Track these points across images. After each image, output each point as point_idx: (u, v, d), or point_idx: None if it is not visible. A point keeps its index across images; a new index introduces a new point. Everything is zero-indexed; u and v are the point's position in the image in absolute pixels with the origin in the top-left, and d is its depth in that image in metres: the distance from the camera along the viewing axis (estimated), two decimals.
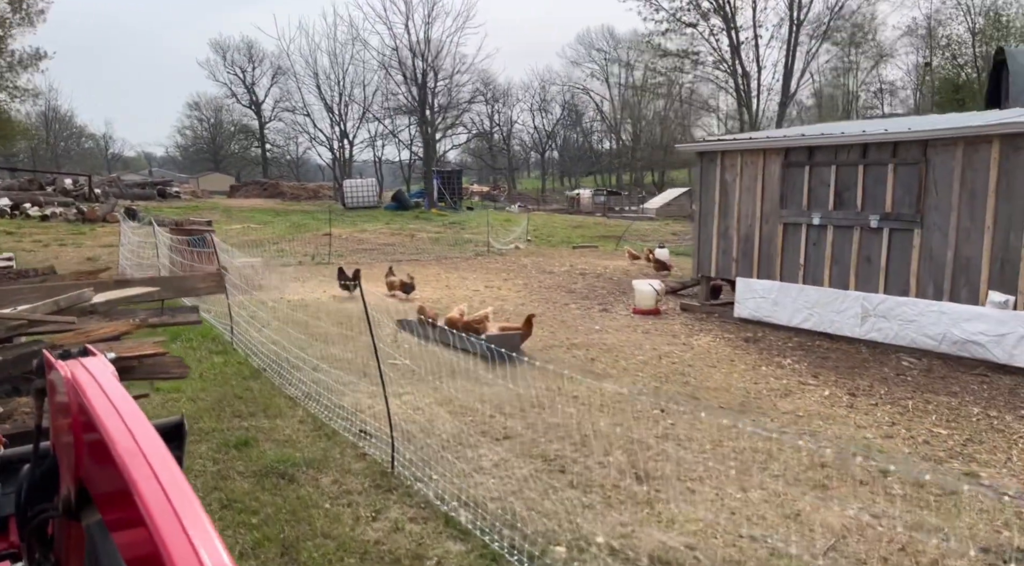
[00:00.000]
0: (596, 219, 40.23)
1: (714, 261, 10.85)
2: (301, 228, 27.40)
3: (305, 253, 19.13)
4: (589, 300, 12.60)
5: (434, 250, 20.51)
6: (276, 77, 73.52)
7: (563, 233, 29.16)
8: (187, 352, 7.59)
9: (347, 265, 14.98)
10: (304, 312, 10.61)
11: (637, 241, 25.59)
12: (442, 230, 27.70)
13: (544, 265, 17.97)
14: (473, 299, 12.47)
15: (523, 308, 11.60)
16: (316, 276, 14.90)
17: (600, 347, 8.77)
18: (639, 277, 16.02)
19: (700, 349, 8.68)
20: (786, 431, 5.70)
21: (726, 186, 10.61)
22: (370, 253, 19.60)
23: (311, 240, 23.40)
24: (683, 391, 6.88)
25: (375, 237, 24.51)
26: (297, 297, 12.11)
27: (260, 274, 14.47)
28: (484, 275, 15.74)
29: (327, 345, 8.47)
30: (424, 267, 17.04)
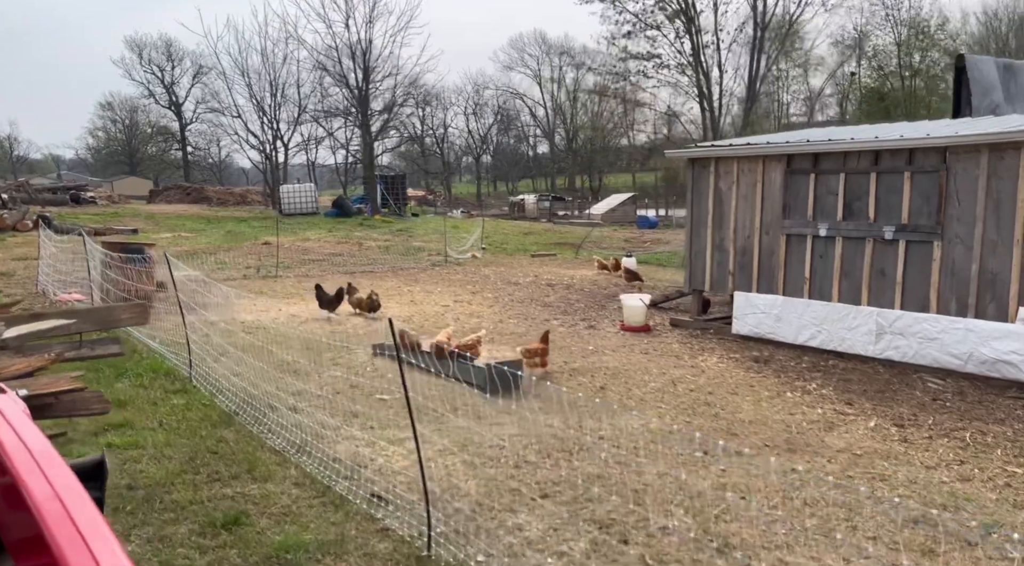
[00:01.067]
0: (544, 225, 39.77)
1: (708, 274, 10.35)
2: (238, 237, 25.95)
3: (247, 265, 17.88)
4: (569, 315, 11.94)
5: (387, 260, 19.54)
6: (198, 76, 70.74)
7: (516, 240, 28.53)
8: (139, 392, 6.55)
9: (325, 281, 13.97)
10: (262, 336, 9.60)
11: (594, 249, 25.19)
12: (390, 238, 26.68)
13: (507, 275, 17.26)
14: (444, 315, 11.65)
15: (503, 325, 10.86)
16: (267, 291, 13.77)
17: (604, 372, 8.10)
18: (609, 288, 15.52)
19: (712, 372, 8.11)
20: (851, 475, 5.14)
21: (721, 195, 10.12)
22: (319, 264, 18.49)
23: (250, 250, 22.08)
24: (716, 426, 6.26)
25: (320, 246, 23.33)
26: (251, 317, 11.04)
27: (204, 290, 13.29)
28: (448, 288, 14.91)
29: (299, 379, 7.54)
30: (381, 280, 16.09)
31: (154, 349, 8.29)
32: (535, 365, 7.89)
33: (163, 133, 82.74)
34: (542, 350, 7.93)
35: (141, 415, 5.87)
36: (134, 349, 8.27)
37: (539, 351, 7.92)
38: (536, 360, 7.90)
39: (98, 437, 5.35)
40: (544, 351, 7.95)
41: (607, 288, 15.43)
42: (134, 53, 72.99)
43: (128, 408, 6.06)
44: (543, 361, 7.94)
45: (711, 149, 10.18)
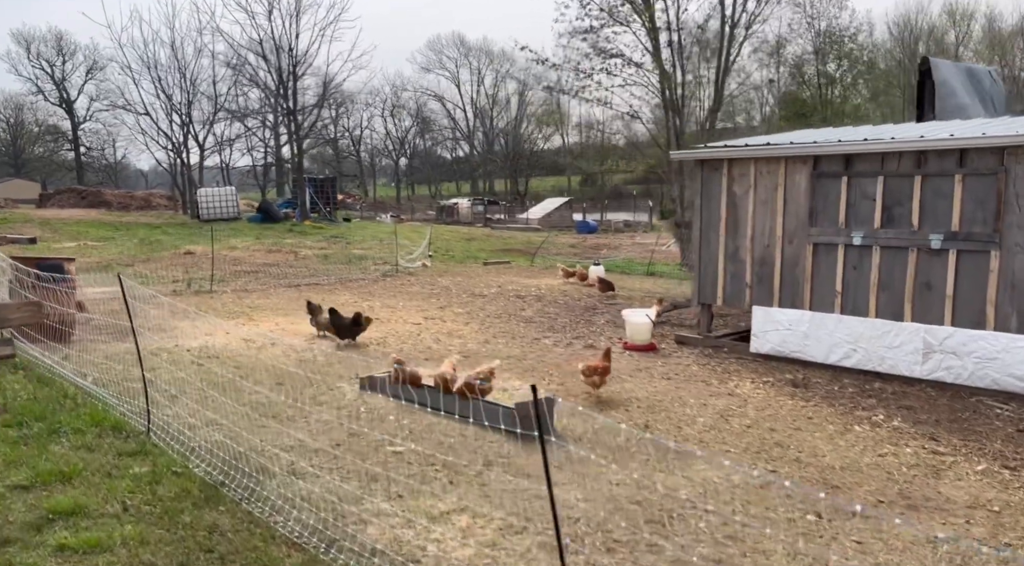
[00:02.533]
0: (482, 230, 38.78)
1: (720, 287, 9.57)
2: (154, 246, 23.82)
3: (174, 279, 16.11)
4: (559, 333, 10.96)
5: (330, 270, 18.08)
6: (92, 72, 66.38)
7: (460, 247, 27.42)
8: (84, 457, 5.14)
9: (278, 295, 12.50)
10: (220, 367, 8.21)
11: (547, 256, 24.34)
12: (326, 245, 25.07)
13: (468, 286, 16.16)
14: (421, 336, 10.47)
15: (490, 346, 9.77)
16: (205, 310, 12.18)
17: (636, 404, 7.14)
18: (583, 299, 14.63)
19: (755, 401, 7.28)
20: (1010, 543, 4.34)
21: (735, 200, 9.36)
22: (255, 276, 16.88)
23: (172, 261, 20.17)
24: (806, 475, 5.39)
25: (250, 256, 21.56)
26: (196, 342, 9.57)
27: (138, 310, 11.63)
28: (411, 302, 13.69)
29: (284, 425, 6.26)
30: (332, 294, 14.70)
31: (89, 392, 6.80)
32: (594, 385, 7.26)
33: (52, 132, 77.46)
34: (604, 369, 7.21)
35: (95, 494, 4.51)
36: (64, 393, 6.76)
37: (601, 369, 7.19)
38: (595, 379, 7.21)
39: (42, 534, 3.98)
40: (607, 370, 7.25)
41: (581, 299, 14.55)
42: (21, 47, 68.06)
43: (74, 484, 4.67)
44: (602, 380, 7.24)
45: (724, 149, 9.40)
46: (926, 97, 16.84)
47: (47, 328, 8.82)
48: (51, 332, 8.84)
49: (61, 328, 9.03)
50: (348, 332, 9.51)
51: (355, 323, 9.47)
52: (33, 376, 7.22)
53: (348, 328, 9.48)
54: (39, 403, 6.31)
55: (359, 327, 9.48)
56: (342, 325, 9.51)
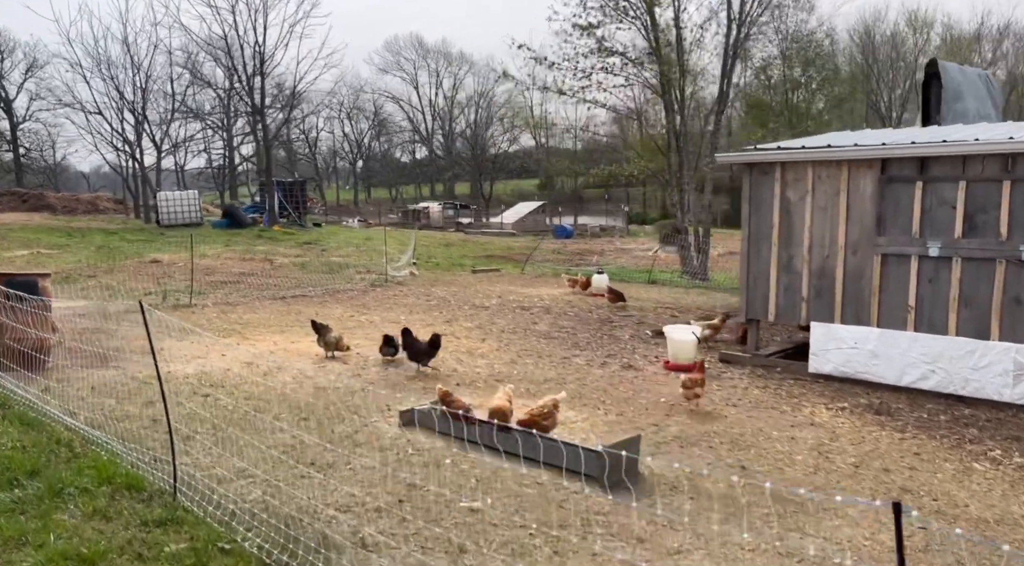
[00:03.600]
0: (456, 235, 37.87)
1: (772, 301, 8.89)
2: (114, 253, 22.39)
3: (146, 290, 14.90)
4: (585, 350, 10.20)
5: (311, 280, 17.01)
6: (32, 70, 63.60)
7: (440, 253, 26.49)
8: (102, 530, 4.16)
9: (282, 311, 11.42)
10: (227, 396, 7.24)
11: (535, 262, 23.58)
12: (300, 252, 23.91)
13: (466, 297, 15.28)
14: (441, 356, 9.57)
15: (519, 368, 8.94)
16: (188, 327, 11.09)
17: (718, 439, 6.39)
18: (593, 310, 13.86)
19: (846, 434, 6.59)
20: None
21: (789, 206, 8.70)
22: (235, 287, 15.75)
23: (137, 270, 18.87)
24: (962, 531, 4.69)
25: (221, 264, 20.34)
26: (190, 368, 8.54)
27: (109, 330, 10.50)
28: (412, 315, 12.77)
29: (325, 473, 5.36)
30: (324, 306, 13.71)
31: (87, 436, 5.78)
32: (696, 396, 7.15)
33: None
34: (702, 381, 7.20)
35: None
36: (56, 438, 5.73)
37: (702, 381, 7.17)
38: (697, 391, 7.12)
39: None
40: (703, 381, 7.22)
41: (592, 311, 13.81)
42: None
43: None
44: (702, 392, 7.20)
45: (777, 152, 8.74)
46: (932, 100, 16.46)
47: (18, 354, 7.74)
48: (23, 359, 7.75)
49: (35, 355, 7.94)
50: (424, 356, 8.48)
51: (432, 345, 8.50)
52: (13, 416, 6.16)
53: (424, 352, 8.48)
54: (29, 453, 5.29)
55: (436, 350, 8.53)
56: (418, 348, 8.50)
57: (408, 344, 8.57)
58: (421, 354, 8.48)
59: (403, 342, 8.62)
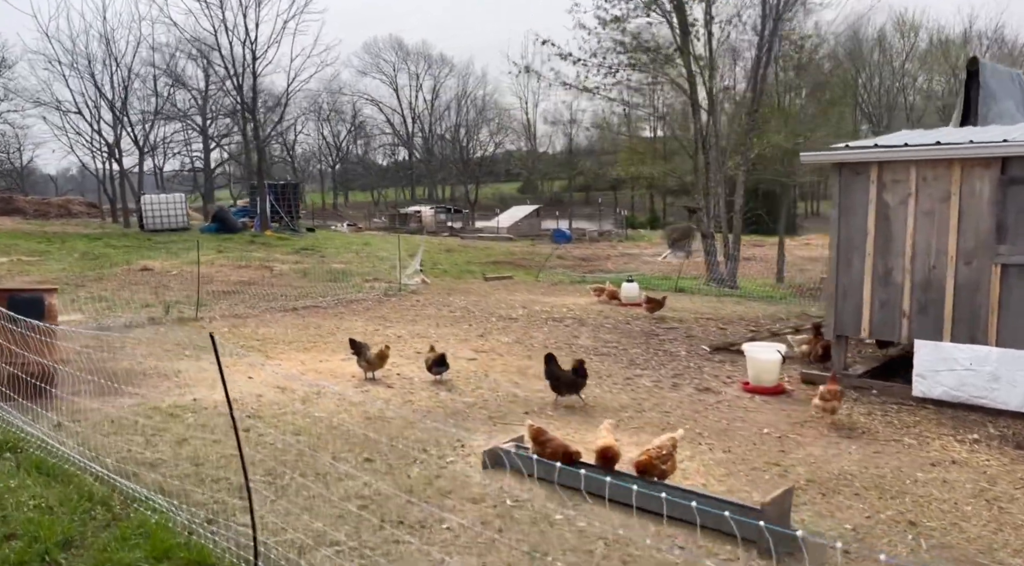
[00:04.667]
0: (453, 240, 36.87)
1: (866, 316, 8.08)
2: (100, 261, 21.20)
3: (144, 302, 13.80)
4: (644, 368, 9.34)
5: (322, 290, 15.99)
6: (0, 70, 61.72)
7: (445, 260, 25.52)
8: None
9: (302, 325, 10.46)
10: (271, 429, 6.29)
11: (549, 270, 22.73)
12: (299, 259, 22.86)
13: (489, 307, 14.38)
14: (493, 378, 8.65)
15: (590, 393, 8.04)
16: (202, 344, 10.05)
17: (859, 483, 5.52)
18: (631, 322, 12.96)
19: (1001, 475, 5.75)
20: None
21: (886, 211, 7.89)
22: (239, 298, 14.70)
23: (127, 278, 17.78)
24: None
25: (218, 272, 19.24)
26: (219, 394, 7.53)
27: (113, 350, 9.43)
28: (443, 330, 11.83)
29: (417, 536, 4.44)
30: (341, 318, 12.74)
31: (123, 489, 4.79)
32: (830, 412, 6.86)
33: None
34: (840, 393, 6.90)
35: None
36: (87, 492, 4.72)
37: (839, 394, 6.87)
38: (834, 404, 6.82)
39: None
40: (841, 394, 6.91)
41: (630, 322, 12.96)
42: None
43: None
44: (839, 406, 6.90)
45: (873, 150, 7.93)
46: (972, 99, 15.82)
47: (22, 383, 6.72)
48: (26, 388, 6.73)
49: (39, 384, 6.91)
50: (570, 387, 7.41)
51: (579, 374, 7.48)
52: (29, 464, 5.15)
53: (571, 382, 7.42)
54: (58, 516, 4.30)
55: (584, 379, 7.52)
56: (563, 378, 7.42)
57: (552, 373, 7.51)
58: (568, 385, 7.45)
59: (546, 371, 7.56)
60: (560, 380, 7.46)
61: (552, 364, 7.56)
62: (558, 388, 7.49)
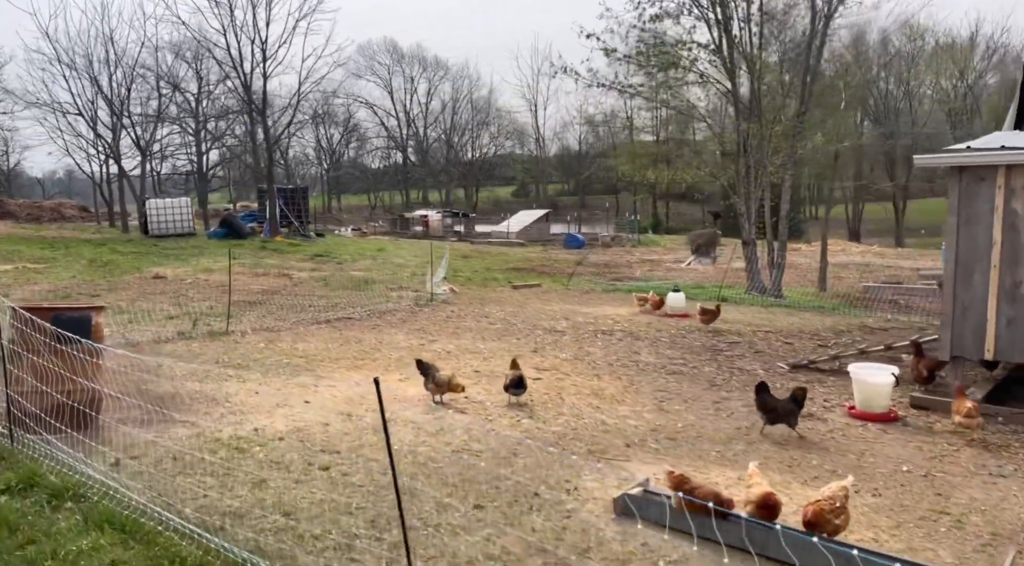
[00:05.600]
0: (464, 246, 36.12)
1: (990, 335, 7.41)
2: (109, 268, 20.40)
3: (168, 314, 13.04)
4: (730, 390, 8.67)
5: (350, 300, 15.25)
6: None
7: (464, 266, 24.78)
8: None
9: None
10: (355, 469, 5.58)
11: (583, 277, 22.04)
12: (316, 266, 22.12)
13: (530, 319, 13.68)
14: (570, 402, 7.95)
15: (676, 420, 7.35)
16: (237, 360, 9.29)
17: None
18: (687, 335, 12.25)
19: None
20: None
21: (1015, 220, 7.23)
22: (265, 309, 13.96)
23: (140, 287, 17.02)
24: None
25: (236, 280, 18.42)
26: (280, 422, 6.80)
27: (147, 365, 8.66)
28: (492, 344, 11.12)
29: None
30: (380, 332, 12.01)
31: (221, 551, 4.05)
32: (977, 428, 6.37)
33: None
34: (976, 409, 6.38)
35: None
36: (176, 557, 3.98)
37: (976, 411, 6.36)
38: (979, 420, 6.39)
39: None
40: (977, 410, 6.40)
41: (685, 336, 12.29)
42: None
43: None
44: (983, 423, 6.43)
45: (1000, 153, 7.28)
46: None
47: (68, 411, 5.99)
48: (71, 416, 6.01)
49: (85, 411, 6.19)
50: (790, 416, 6.66)
51: (796, 401, 6.71)
52: (98, 517, 4.40)
53: (789, 412, 6.64)
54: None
55: (800, 407, 6.78)
56: (780, 408, 6.67)
57: (766, 404, 6.71)
58: (786, 415, 6.68)
59: (758, 401, 6.78)
60: (776, 409, 6.69)
61: (764, 393, 6.79)
62: (775, 418, 6.72)
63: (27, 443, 5.67)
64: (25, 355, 5.96)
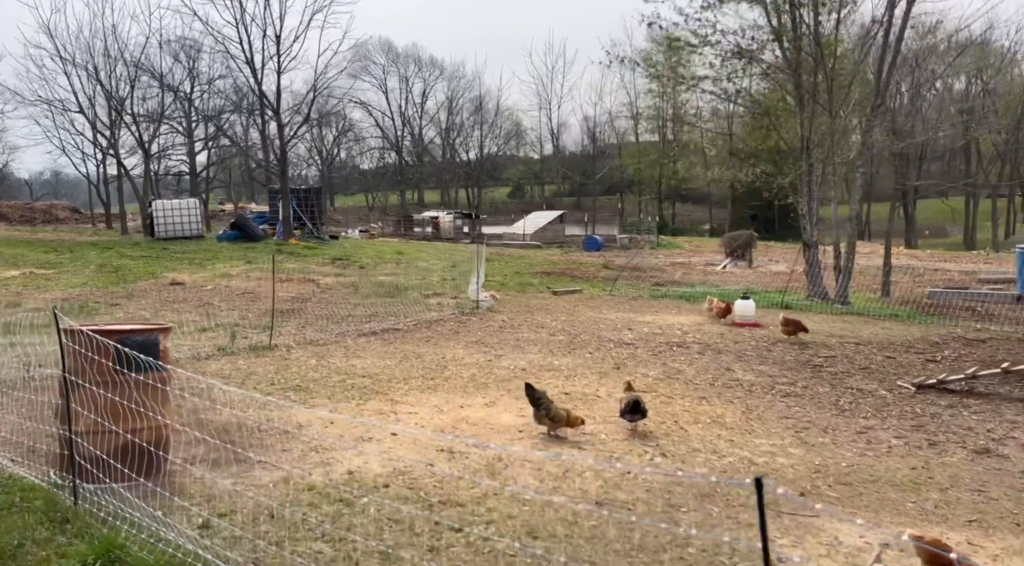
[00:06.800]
0: (488, 250, 35.17)
1: None
2: (121, 273, 19.41)
3: (201, 326, 12.03)
4: (864, 417, 7.71)
5: (388, 309, 14.26)
6: None
7: (491, 271, 23.78)
8: None
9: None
10: (476, 519, 4.63)
11: (628, 281, 21.08)
12: (339, 271, 21.15)
13: (589, 329, 12.75)
14: (706, 438, 6.98)
15: (830, 459, 6.40)
16: (295, 383, 8.29)
17: None
18: (767, 346, 11.29)
19: None
20: None
21: None
22: (302, 318, 12.98)
23: (159, 294, 16.06)
24: None
25: (259, 286, 17.50)
26: (375, 463, 5.81)
27: (195, 388, 7.66)
28: (563, 360, 10.15)
29: None
30: (434, 345, 11.08)
31: None
32: None
33: None
34: None
35: None
36: None
37: None
38: None
39: None
40: None
41: (770, 348, 11.37)
42: None
43: None
44: None
45: None
46: None
47: (135, 453, 5.01)
48: (135, 459, 5.03)
49: (153, 451, 5.19)
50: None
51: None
52: None
53: None
54: None
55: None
56: None
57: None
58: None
59: None
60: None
61: None
62: None
63: (93, 499, 4.67)
64: (87, 387, 4.95)
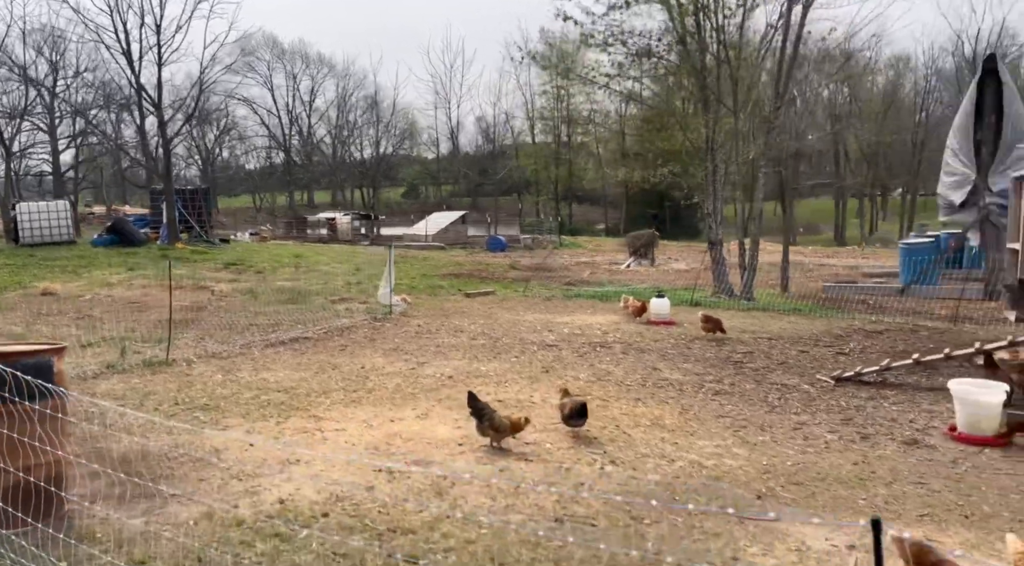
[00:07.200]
0: (381, 251, 34.30)
1: None
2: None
3: (83, 341, 10.95)
4: (794, 413, 7.78)
5: (293, 315, 13.50)
6: None
7: (397, 273, 23.15)
8: None
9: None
10: (437, 553, 4.25)
11: (540, 282, 20.92)
12: (234, 276, 20.02)
13: (509, 331, 12.49)
14: (646, 440, 6.79)
15: (773, 458, 6.36)
16: (200, 401, 7.57)
17: None
18: (690, 345, 11.36)
19: None
20: None
21: None
22: (200, 329, 12.07)
23: (28, 306, 14.65)
24: None
25: (147, 295, 16.28)
26: (312, 491, 5.28)
27: (90, 417, 6.82)
28: (491, 365, 9.82)
29: None
30: (351, 355, 10.51)
31: None
32: None
33: None
34: None
35: None
36: None
37: None
38: None
39: None
40: None
41: (689, 346, 11.48)
42: None
43: None
44: None
45: None
46: (987, 96, 15.43)
47: (28, 493, 4.33)
48: (30, 500, 4.36)
49: (49, 489, 4.51)
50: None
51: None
52: None
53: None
54: None
55: None
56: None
57: None
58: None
59: None
60: None
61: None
62: None
63: None
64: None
